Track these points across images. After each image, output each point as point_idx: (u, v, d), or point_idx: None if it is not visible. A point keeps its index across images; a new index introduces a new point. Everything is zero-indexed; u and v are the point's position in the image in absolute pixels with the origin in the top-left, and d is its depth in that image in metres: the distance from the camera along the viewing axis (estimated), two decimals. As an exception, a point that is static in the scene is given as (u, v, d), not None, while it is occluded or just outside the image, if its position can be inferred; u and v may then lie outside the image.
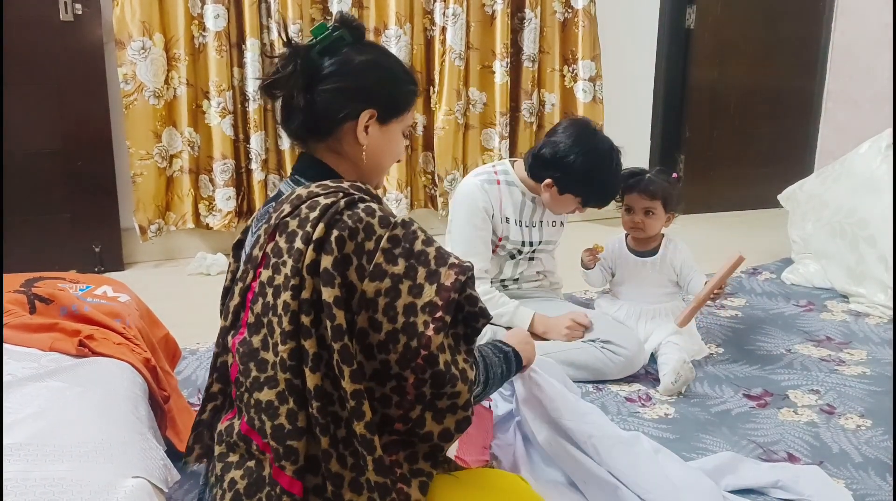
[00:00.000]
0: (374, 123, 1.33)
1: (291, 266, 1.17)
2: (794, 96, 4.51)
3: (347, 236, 1.16)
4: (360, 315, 1.17)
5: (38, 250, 3.21)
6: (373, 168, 1.38)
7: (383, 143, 1.36)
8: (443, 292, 1.19)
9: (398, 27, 3.61)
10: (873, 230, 2.94)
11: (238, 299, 1.25)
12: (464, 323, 1.25)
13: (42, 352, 1.50)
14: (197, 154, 3.48)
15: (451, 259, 1.22)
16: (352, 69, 1.31)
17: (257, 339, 1.20)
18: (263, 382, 1.18)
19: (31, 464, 1.13)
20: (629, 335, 2.33)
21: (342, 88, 1.31)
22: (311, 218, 1.19)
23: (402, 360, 1.17)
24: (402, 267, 1.18)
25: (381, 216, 1.20)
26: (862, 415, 2.07)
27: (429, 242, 1.22)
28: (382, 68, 1.35)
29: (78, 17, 3.14)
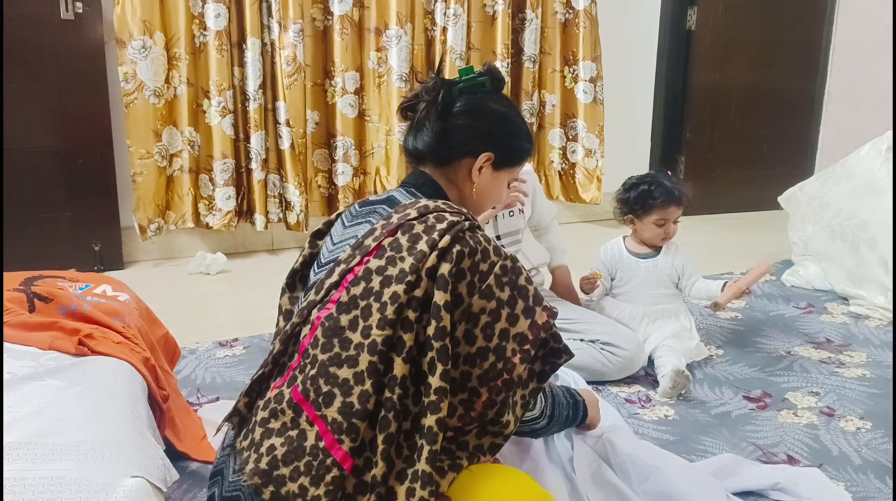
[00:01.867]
0: (489, 166, 1.48)
1: (411, 264, 1.27)
2: (794, 98, 4.51)
3: (468, 253, 1.28)
4: (459, 325, 1.27)
5: (37, 248, 3.21)
6: (475, 206, 1.52)
7: (491, 186, 1.51)
8: (535, 328, 1.31)
9: (399, 27, 3.61)
10: (874, 233, 2.94)
11: (336, 278, 1.33)
12: (542, 360, 1.35)
13: (41, 351, 1.50)
14: (197, 153, 3.48)
15: (544, 302, 1.34)
16: (485, 113, 1.49)
17: (346, 318, 1.27)
18: (344, 360, 1.25)
19: (30, 463, 1.13)
20: (629, 336, 2.32)
21: (473, 127, 1.48)
22: (437, 228, 1.31)
23: (484, 377, 1.27)
24: (507, 295, 1.30)
25: (495, 247, 1.33)
26: (862, 417, 2.07)
27: (529, 281, 1.34)
28: (510, 121, 1.52)
29: (78, 16, 3.14)
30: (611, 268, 2.53)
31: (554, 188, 4.12)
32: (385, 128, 3.73)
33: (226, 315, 2.95)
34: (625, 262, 2.50)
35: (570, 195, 4.15)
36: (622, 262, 2.50)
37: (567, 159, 4.15)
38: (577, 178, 4.12)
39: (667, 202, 2.39)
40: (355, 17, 3.58)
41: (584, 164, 4.10)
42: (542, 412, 1.47)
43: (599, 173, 4.08)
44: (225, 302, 3.09)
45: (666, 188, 2.40)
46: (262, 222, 3.56)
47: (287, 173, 3.56)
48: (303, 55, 3.47)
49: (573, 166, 4.13)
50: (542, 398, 1.50)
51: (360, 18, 3.61)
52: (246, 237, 3.69)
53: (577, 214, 4.26)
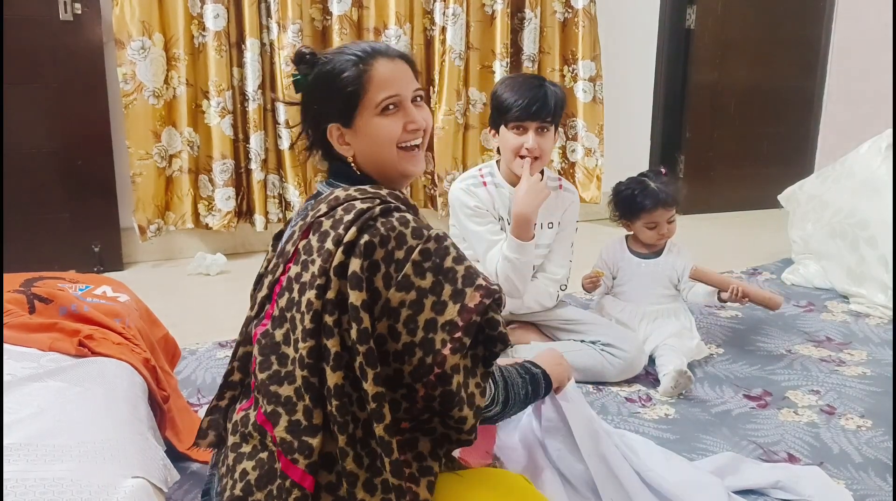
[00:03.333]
0: (343, 131, 1.33)
1: (319, 266, 1.18)
2: (794, 97, 4.51)
3: (378, 242, 1.18)
4: (381, 322, 1.18)
5: (37, 249, 3.21)
6: (378, 167, 1.35)
7: (365, 140, 1.33)
8: (465, 313, 1.19)
9: (398, 27, 3.61)
10: (873, 231, 2.94)
11: (265, 292, 1.28)
12: (483, 345, 1.25)
13: (41, 352, 1.50)
14: (196, 154, 3.48)
15: (479, 280, 1.21)
16: (303, 101, 1.38)
17: (280, 333, 1.22)
18: (284, 376, 1.20)
19: (31, 464, 1.12)
20: (629, 337, 2.32)
21: (304, 120, 1.38)
22: (344, 220, 1.20)
23: (415, 373, 1.19)
24: (429, 282, 1.19)
25: (415, 228, 1.21)
26: (862, 416, 2.07)
27: (459, 259, 1.22)
28: (315, 86, 1.35)
29: (77, 17, 3.14)
30: (612, 267, 2.53)
31: (553, 188, 4.12)
32: (384, 128, 3.72)
33: (226, 316, 2.94)
34: (626, 261, 2.50)
35: (569, 195, 4.15)
36: (624, 261, 2.51)
37: (567, 159, 4.15)
38: (576, 177, 4.11)
39: (653, 207, 2.40)
40: (354, 17, 3.58)
41: (584, 163, 4.10)
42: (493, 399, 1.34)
43: (599, 172, 4.09)
44: (225, 303, 3.09)
45: (651, 192, 2.40)
46: (261, 223, 3.56)
47: (286, 174, 3.56)
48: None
49: (573, 166, 4.13)
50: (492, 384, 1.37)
51: (359, 18, 3.60)
52: (246, 238, 3.69)
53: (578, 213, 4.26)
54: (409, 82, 1.34)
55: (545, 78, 2.29)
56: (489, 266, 2.27)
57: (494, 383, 1.36)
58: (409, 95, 1.33)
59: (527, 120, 2.17)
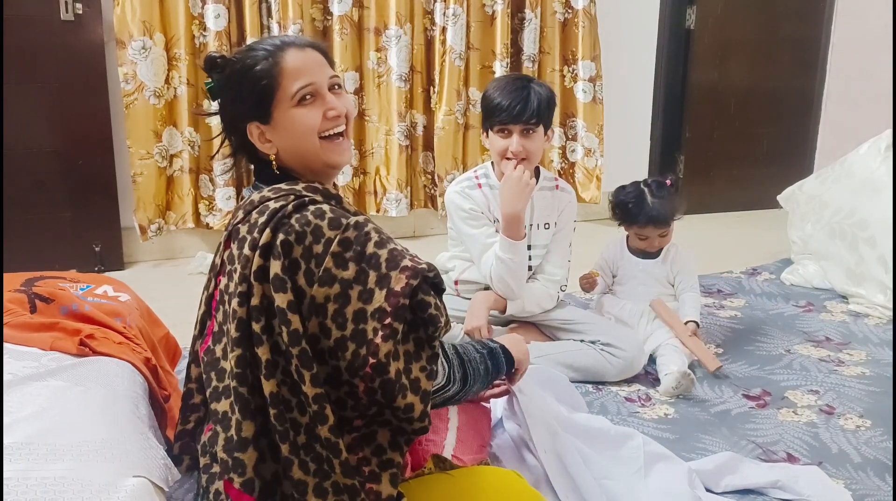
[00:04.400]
0: (261, 127, 1.28)
1: (240, 273, 1.15)
2: (794, 97, 4.51)
3: (294, 239, 1.14)
4: (310, 321, 1.14)
5: (38, 249, 3.21)
6: (301, 160, 1.30)
7: (285, 134, 1.28)
8: (392, 297, 1.14)
9: (398, 27, 3.61)
10: (873, 231, 2.94)
11: (204, 308, 1.25)
12: (424, 324, 1.20)
13: (42, 351, 1.50)
14: (197, 154, 3.48)
15: (404, 262, 1.17)
16: (220, 106, 1.33)
17: (219, 348, 1.19)
18: (221, 392, 1.17)
19: (32, 463, 1.13)
20: (629, 337, 2.32)
21: (224, 125, 1.33)
22: (258, 223, 1.17)
23: (351, 368, 1.15)
24: (352, 272, 1.14)
25: (332, 218, 1.16)
26: (861, 416, 2.08)
27: (382, 243, 1.18)
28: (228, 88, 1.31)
29: (78, 17, 3.14)
30: (612, 265, 2.54)
31: (554, 188, 4.12)
32: (385, 128, 3.73)
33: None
34: (625, 260, 2.51)
35: (569, 195, 4.15)
36: (623, 260, 2.52)
37: (567, 159, 4.15)
38: (576, 177, 4.12)
39: (644, 223, 2.41)
40: (355, 17, 3.59)
41: (584, 163, 4.10)
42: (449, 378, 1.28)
43: (599, 173, 4.09)
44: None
45: (645, 209, 2.40)
46: (262, 222, 3.56)
47: (287, 173, 3.55)
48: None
49: (573, 166, 4.13)
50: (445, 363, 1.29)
51: (359, 18, 3.61)
52: (246, 237, 3.69)
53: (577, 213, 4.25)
54: (323, 70, 1.30)
55: (532, 78, 2.28)
56: (484, 268, 2.27)
57: (448, 362, 1.30)
58: (324, 83, 1.29)
59: (510, 123, 2.17)
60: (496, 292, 2.29)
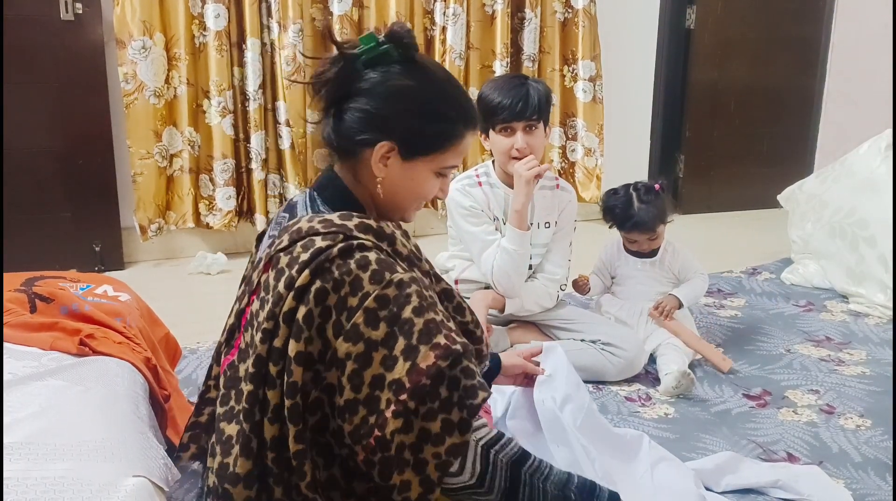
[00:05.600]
0: (395, 156, 1.20)
1: (269, 309, 1.09)
2: (794, 96, 4.51)
3: (331, 288, 1.07)
4: (330, 372, 1.08)
5: (38, 248, 3.21)
6: (390, 204, 1.25)
7: (403, 180, 1.22)
8: (415, 374, 1.06)
9: (398, 27, 3.61)
10: (873, 230, 2.94)
11: (234, 320, 1.21)
12: (458, 406, 1.09)
13: (42, 351, 1.50)
14: (197, 154, 3.48)
15: (438, 337, 1.08)
16: (382, 92, 1.18)
17: (242, 368, 1.15)
18: (234, 414, 1.13)
19: (32, 463, 1.13)
20: (629, 336, 2.33)
21: (366, 111, 1.19)
22: (300, 260, 1.09)
23: (356, 433, 1.08)
24: (381, 333, 1.07)
25: (375, 271, 1.09)
26: (861, 415, 2.08)
27: (421, 310, 1.09)
28: (416, 98, 1.20)
29: (78, 17, 3.14)
30: (610, 266, 2.55)
31: (554, 187, 4.12)
32: (385, 127, 3.73)
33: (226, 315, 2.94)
34: (623, 261, 2.52)
35: (569, 194, 4.15)
36: (620, 260, 2.52)
37: (567, 158, 4.15)
38: (576, 177, 4.12)
39: (630, 229, 2.41)
40: (355, 16, 3.58)
41: (584, 163, 4.10)
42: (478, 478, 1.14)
43: (599, 172, 4.09)
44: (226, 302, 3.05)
45: (631, 214, 2.40)
46: (262, 222, 3.56)
47: (287, 173, 3.56)
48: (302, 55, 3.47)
49: (573, 165, 4.13)
50: (477, 459, 1.15)
51: (359, 18, 3.61)
52: (246, 237, 3.69)
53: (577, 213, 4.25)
54: None
55: (527, 76, 2.29)
56: (484, 265, 2.28)
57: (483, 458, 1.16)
58: None
59: (513, 121, 2.17)
60: (496, 288, 2.29)
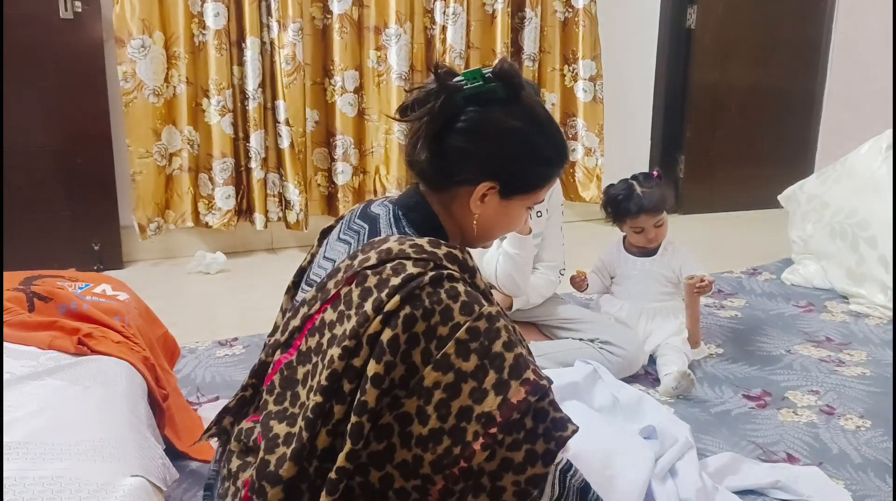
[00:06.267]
0: (494, 194, 1.23)
1: (353, 327, 1.08)
2: (794, 97, 4.51)
3: (420, 315, 1.07)
4: (410, 399, 1.08)
5: (37, 247, 3.20)
6: (480, 237, 1.30)
7: (498, 216, 1.26)
8: (506, 408, 1.07)
9: (398, 26, 3.61)
10: (874, 231, 2.94)
11: (298, 323, 1.20)
12: (544, 437, 1.10)
13: (41, 350, 1.50)
14: (196, 153, 3.48)
15: (527, 373, 1.09)
16: (488, 132, 1.21)
17: (302, 371, 1.15)
18: (288, 416, 1.13)
19: (30, 463, 1.12)
20: (628, 335, 2.32)
21: (469, 151, 1.21)
22: (390, 284, 1.09)
23: (438, 463, 1.07)
24: (472, 365, 1.07)
25: (465, 302, 1.10)
26: (861, 416, 2.07)
27: (510, 345, 1.10)
28: (522, 141, 1.22)
29: (78, 15, 3.13)
30: (610, 266, 2.54)
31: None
32: (385, 127, 3.73)
33: (225, 314, 2.94)
34: (623, 261, 2.51)
35: (569, 194, 4.15)
36: (620, 260, 2.52)
37: (567, 158, 4.14)
38: (576, 177, 4.12)
39: (636, 213, 2.40)
40: (354, 15, 3.58)
41: (584, 163, 4.10)
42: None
43: (599, 172, 4.09)
44: (224, 301, 3.09)
45: (635, 198, 2.39)
46: (261, 222, 3.56)
47: (287, 172, 3.56)
48: (302, 54, 3.47)
49: (573, 165, 4.13)
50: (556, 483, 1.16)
51: (359, 17, 3.60)
52: (245, 236, 3.69)
53: (577, 212, 4.26)
54: None
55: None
56: (487, 269, 2.28)
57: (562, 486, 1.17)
58: None
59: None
60: (501, 290, 2.29)
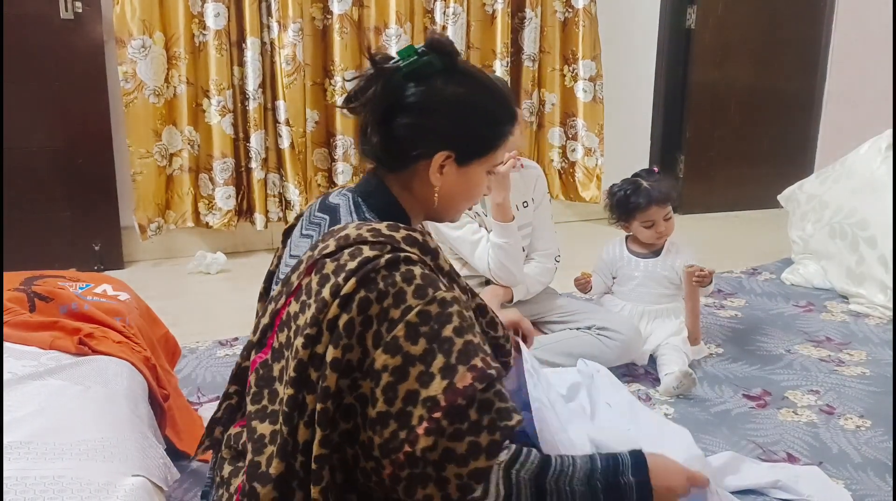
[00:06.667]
0: (452, 163, 1.23)
1: (312, 314, 1.09)
2: (794, 97, 4.51)
3: (375, 298, 1.08)
4: (365, 382, 1.08)
5: (37, 248, 3.20)
6: (444, 209, 1.30)
7: (460, 185, 1.26)
8: (451, 393, 1.05)
9: (398, 26, 3.61)
10: (873, 231, 2.94)
11: (268, 320, 1.21)
12: (489, 430, 1.07)
13: (42, 350, 1.50)
14: (197, 153, 3.48)
15: (475, 360, 1.08)
16: (433, 104, 1.21)
17: (277, 368, 1.16)
18: (268, 414, 1.14)
19: (31, 462, 1.13)
20: (623, 320, 2.34)
21: (419, 125, 1.21)
22: (346, 268, 1.10)
23: (385, 447, 1.07)
24: (420, 348, 1.07)
25: (419, 285, 1.10)
26: (861, 416, 2.07)
27: (461, 330, 1.09)
28: (469, 105, 1.23)
29: (78, 16, 3.13)
30: (611, 267, 2.54)
31: (554, 187, 4.12)
32: (385, 127, 3.73)
33: (226, 314, 2.94)
34: (625, 261, 2.51)
35: (569, 194, 4.15)
36: (622, 261, 2.51)
37: (567, 158, 4.15)
38: (576, 177, 4.12)
39: (647, 205, 2.40)
40: (355, 16, 3.58)
41: (584, 162, 4.10)
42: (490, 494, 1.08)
43: (599, 172, 4.09)
44: (225, 301, 3.09)
45: (644, 191, 2.39)
46: (261, 222, 3.56)
47: (287, 173, 3.56)
48: (302, 54, 3.47)
49: (573, 165, 4.13)
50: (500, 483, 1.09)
51: (359, 17, 3.60)
52: (246, 237, 3.69)
53: (577, 212, 4.27)
54: None
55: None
56: (480, 264, 2.29)
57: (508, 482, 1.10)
58: None
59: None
60: (498, 281, 2.31)
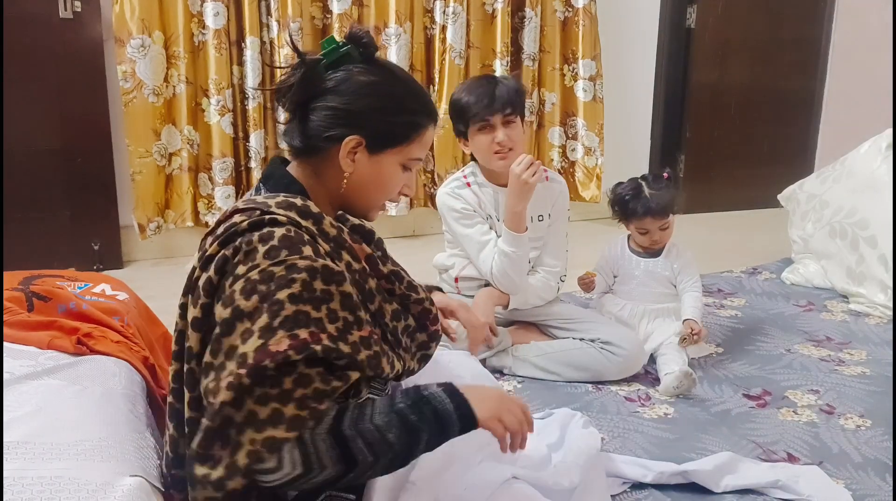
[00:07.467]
0: (363, 150, 1.23)
1: (185, 285, 1.13)
2: (794, 96, 4.51)
3: (230, 254, 1.10)
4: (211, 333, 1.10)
5: (36, 247, 3.21)
6: (355, 198, 1.28)
7: (371, 174, 1.25)
8: (261, 353, 1.03)
9: (398, 26, 3.60)
10: (874, 230, 2.94)
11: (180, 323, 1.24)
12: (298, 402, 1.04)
13: (40, 350, 1.49)
14: (196, 152, 3.48)
15: (300, 331, 1.05)
16: (348, 89, 1.22)
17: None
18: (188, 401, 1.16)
19: (29, 462, 1.12)
20: (628, 335, 2.32)
21: (333, 108, 1.22)
22: (217, 235, 1.14)
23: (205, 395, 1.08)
24: (250, 305, 1.05)
25: (273, 247, 1.08)
26: (862, 415, 2.07)
27: (297, 299, 1.06)
28: (382, 93, 1.24)
29: (77, 15, 3.13)
30: (613, 265, 2.54)
31: (553, 187, 4.12)
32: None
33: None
34: (626, 260, 2.51)
35: (569, 194, 4.15)
36: (623, 260, 2.51)
37: (567, 158, 4.14)
38: (576, 176, 4.11)
39: (642, 215, 2.40)
40: (354, 15, 3.58)
41: (584, 162, 4.10)
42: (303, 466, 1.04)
43: (599, 172, 4.08)
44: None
45: (642, 200, 2.39)
46: (261, 221, 3.56)
47: (286, 172, 3.55)
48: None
49: (573, 165, 4.13)
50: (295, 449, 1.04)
51: (359, 17, 3.60)
52: (245, 236, 3.68)
53: (577, 212, 4.25)
54: None
55: (496, 76, 2.30)
56: (483, 267, 2.27)
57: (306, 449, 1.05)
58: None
59: (487, 115, 2.18)
60: (498, 288, 2.29)
